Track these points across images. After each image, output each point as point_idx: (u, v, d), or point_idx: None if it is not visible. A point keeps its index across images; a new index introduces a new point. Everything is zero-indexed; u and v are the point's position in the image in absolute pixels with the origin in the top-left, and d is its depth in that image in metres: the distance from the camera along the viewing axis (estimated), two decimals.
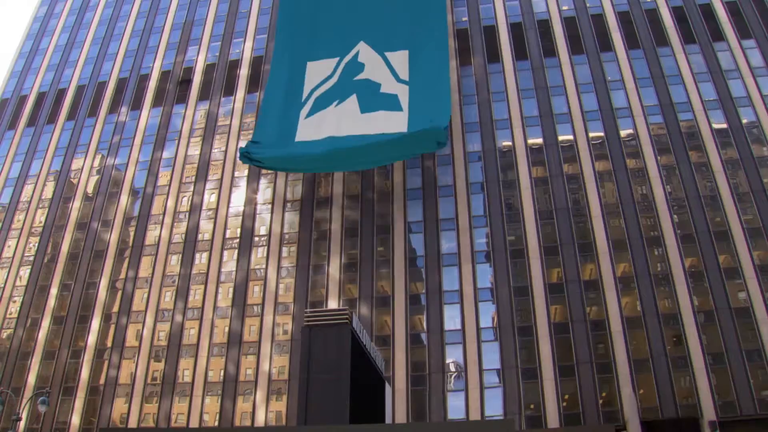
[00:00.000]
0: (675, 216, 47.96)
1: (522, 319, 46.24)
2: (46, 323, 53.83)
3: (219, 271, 52.38)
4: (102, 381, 50.49)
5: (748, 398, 41.51)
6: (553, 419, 42.47)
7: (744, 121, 51.21)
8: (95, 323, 52.52)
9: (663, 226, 47.52)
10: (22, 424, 44.39)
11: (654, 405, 42.56)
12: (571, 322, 45.34)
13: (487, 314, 47.17)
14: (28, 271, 56.87)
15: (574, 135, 52.97)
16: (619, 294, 45.70)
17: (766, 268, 44.93)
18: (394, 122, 51.86)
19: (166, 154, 59.87)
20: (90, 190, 59.81)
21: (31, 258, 57.53)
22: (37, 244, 58.10)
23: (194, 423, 46.73)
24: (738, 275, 45.14)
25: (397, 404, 43.73)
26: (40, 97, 67.93)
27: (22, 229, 59.21)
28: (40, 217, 59.55)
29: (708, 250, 46.27)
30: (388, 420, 38.36)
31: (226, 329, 49.94)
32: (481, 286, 48.04)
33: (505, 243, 49.06)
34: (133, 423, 47.57)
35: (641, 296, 45.45)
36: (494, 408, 43.77)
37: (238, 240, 53.36)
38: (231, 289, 51.42)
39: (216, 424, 46.74)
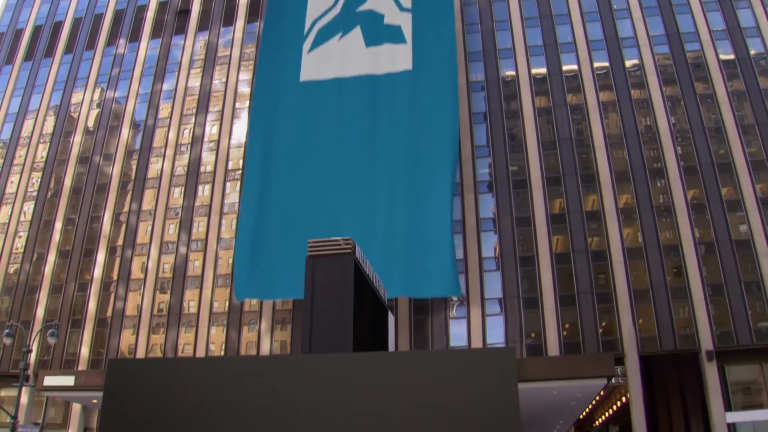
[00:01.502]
0: (678, 147, 47.71)
1: (524, 249, 46.53)
2: (51, 257, 54.31)
3: (222, 203, 52.47)
4: (109, 313, 51.22)
5: (745, 329, 42.06)
6: (553, 348, 43.13)
7: (752, 52, 50.36)
8: (100, 256, 52.99)
9: (666, 157, 47.33)
10: (33, 355, 45.19)
11: (653, 335, 43.15)
12: (573, 253, 45.65)
13: (489, 244, 47.45)
14: (32, 206, 57.08)
15: (579, 65, 52.21)
16: (621, 225, 45.88)
17: None
18: (399, 57, 50.94)
19: (166, 86, 59.23)
20: (90, 123, 59.48)
21: (35, 193, 57.67)
22: (39, 180, 58.15)
23: (201, 353, 47.61)
24: (740, 207, 45.20)
25: (400, 333, 44.41)
26: (37, 31, 66.83)
27: (24, 164, 59.12)
28: (42, 152, 59.42)
29: (711, 182, 46.22)
30: (391, 348, 38.90)
31: (230, 260, 50.30)
32: (483, 216, 48.17)
33: (508, 173, 48.99)
34: (141, 353, 48.42)
35: (643, 227, 45.62)
36: (496, 336, 44.45)
37: (240, 171, 53.25)
38: (234, 221, 51.48)
39: (222, 353, 47.65)
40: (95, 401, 34.73)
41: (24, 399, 46.39)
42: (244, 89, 56.85)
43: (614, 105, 50.01)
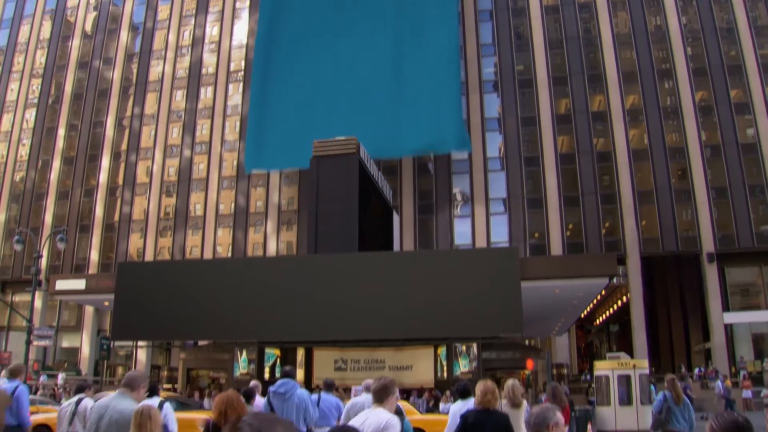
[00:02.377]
0: (688, 48, 46.60)
1: (529, 149, 46.33)
2: (56, 164, 54.38)
3: (225, 105, 51.97)
4: (116, 218, 51.72)
5: (747, 232, 42.33)
6: (556, 248, 43.62)
7: None
8: (105, 161, 53.03)
9: (675, 58, 46.30)
10: (43, 261, 45.87)
11: (655, 236, 43.50)
12: (578, 153, 45.48)
13: (494, 144, 47.24)
14: (34, 113, 56.67)
15: None
16: (627, 126, 45.49)
17: None
18: None
19: None
20: (88, 27, 58.17)
21: (36, 100, 57.15)
22: (39, 86, 57.49)
23: (208, 255, 48.26)
24: (748, 110, 44.59)
25: (404, 232, 44.78)
26: None
27: (22, 71, 58.27)
28: (40, 58, 58.44)
29: (720, 84, 45.35)
30: (395, 248, 39.40)
31: (235, 162, 50.31)
32: (488, 116, 47.73)
33: (514, 72, 48.15)
34: (149, 256, 49.20)
35: (649, 129, 45.23)
36: (500, 235, 44.89)
37: (242, 72, 52.42)
38: (238, 122, 51.25)
39: (229, 254, 48.31)
40: (107, 303, 35.42)
41: (38, 303, 47.44)
42: None
43: (624, 3, 48.47)
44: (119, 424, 6.09)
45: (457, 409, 8.64)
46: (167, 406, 7.37)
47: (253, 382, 13.36)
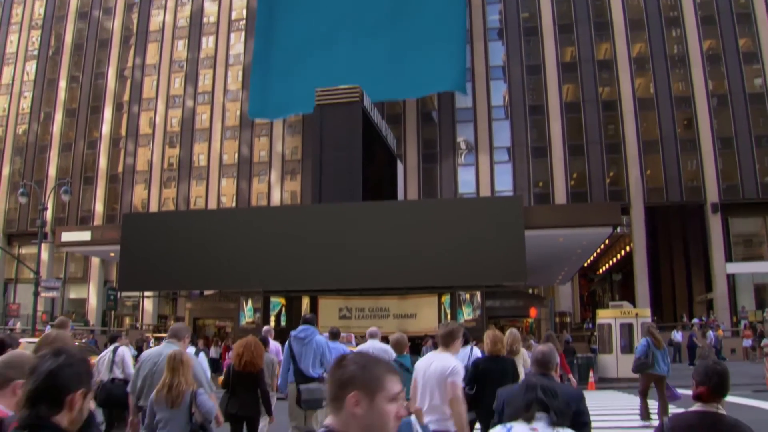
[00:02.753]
0: None
1: (533, 97, 45.96)
2: (59, 116, 54.13)
3: (227, 54, 51.41)
4: (120, 169, 51.71)
5: (751, 183, 42.21)
6: (560, 197, 43.59)
7: None
8: (107, 113, 52.76)
9: (683, 5, 45.38)
10: (49, 213, 46.02)
11: (659, 186, 43.42)
12: (583, 102, 45.11)
13: (499, 92, 46.85)
14: (35, 65, 56.15)
15: None
16: (633, 75, 44.99)
17: None
18: None
19: None
20: None
21: (36, 52, 56.56)
22: (39, 37, 56.84)
23: (212, 205, 48.37)
24: (756, 60, 44.00)
25: (408, 181, 44.79)
26: None
27: (21, 22, 57.56)
28: (39, 9, 57.59)
29: (728, 33, 44.63)
30: (399, 196, 39.43)
31: (238, 112, 50.06)
32: (493, 64, 47.20)
33: (519, 20, 47.37)
34: (153, 207, 49.31)
35: (655, 78, 44.73)
36: (504, 184, 44.85)
37: (244, 21, 51.71)
38: (240, 72, 50.79)
39: (233, 204, 48.41)
40: (112, 254, 35.66)
41: (44, 256, 47.70)
42: None
43: None
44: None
45: None
46: (202, 355, 8.54)
47: (265, 328, 14.03)
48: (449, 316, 30.62)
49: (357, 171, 30.02)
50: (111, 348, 9.95)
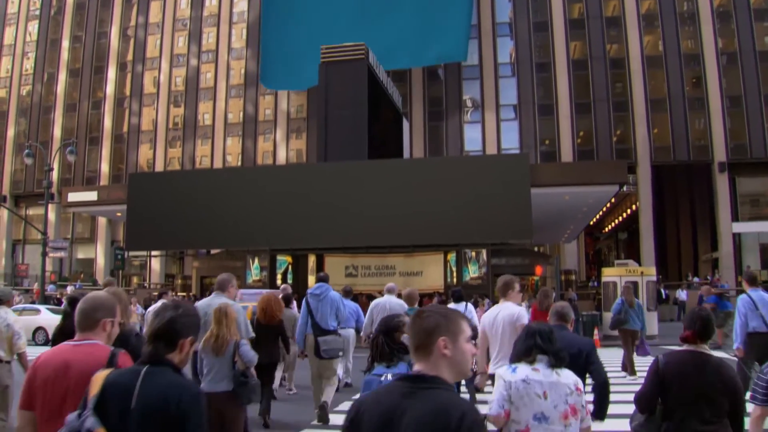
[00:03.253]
0: None
1: (540, 54, 45.44)
2: (62, 77, 53.83)
3: (231, 12, 50.74)
4: (125, 129, 51.59)
5: (760, 142, 41.86)
6: (567, 155, 43.40)
7: None
8: (111, 73, 52.44)
9: None
10: (55, 174, 46.05)
11: (666, 145, 43.14)
12: (590, 60, 44.59)
13: (505, 49, 46.33)
14: (37, 25, 55.68)
15: None
16: (642, 32, 44.36)
17: None
18: None
19: None
20: None
21: (37, 12, 55.98)
22: None
23: (218, 164, 48.35)
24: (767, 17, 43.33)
25: (414, 139, 44.60)
26: None
27: None
28: None
29: None
30: (405, 154, 39.33)
31: (242, 70, 49.73)
32: (499, 20, 46.50)
33: None
34: (159, 167, 49.30)
35: (664, 35, 44.08)
36: (510, 142, 44.61)
37: None
38: (244, 30, 50.22)
39: (239, 163, 48.35)
40: (119, 214, 35.81)
41: (51, 216, 47.82)
42: None
43: None
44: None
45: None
46: (239, 307, 9.04)
47: (283, 286, 14.73)
48: (455, 274, 30.79)
49: (363, 129, 29.93)
50: (159, 303, 10.64)
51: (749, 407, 4.63)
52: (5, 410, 7.82)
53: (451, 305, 10.55)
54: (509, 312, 6.83)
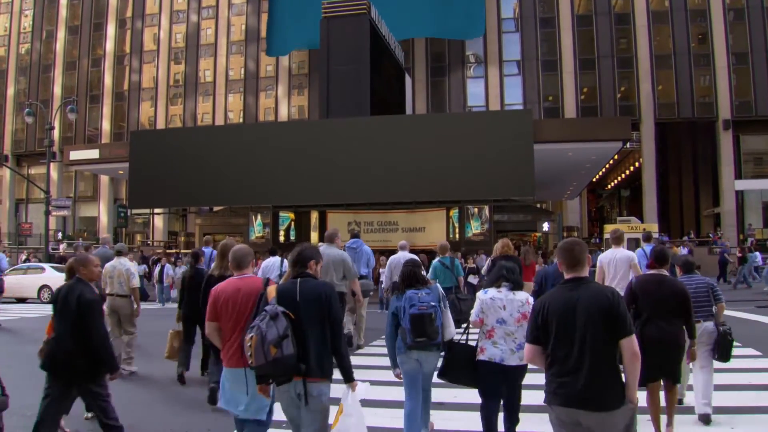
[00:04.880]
0: None
1: (544, 10, 44.86)
2: (61, 34, 53.36)
3: None
4: (126, 86, 51.30)
5: (765, 99, 41.58)
6: (570, 111, 43.17)
7: None
8: (110, 30, 51.94)
9: None
10: (56, 132, 45.91)
11: (671, 101, 42.84)
12: (595, 15, 44.05)
13: (509, 4, 45.73)
14: None
15: None
16: None
17: None
18: None
19: None
20: None
21: None
22: None
23: (219, 121, 48.22)
24: None
25: (417, 95, 44.34)
26: None
27: None
28: None
29: None
30: (408, 110, 39.07)
31: (243, 26, 49.24)
32: None
33: None
34: (160, 124, 49.14)
35: None
36: (513, 97, 44.37)
37: None
38: None
39: (240, 120, 48.19)
40: (121, 172, 35.78)
41: (54, 175, 48.00)
42: None
43: None
44: (333, 262, 10.52)
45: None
46: (285, 262, 11.87)
47: (320, 244, 15.03)
48: (457, 230, 30.87)
49: (365, 85, 29.65)
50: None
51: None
52: (134, 326, 10.83)
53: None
54: (625, 254, 9.61)
